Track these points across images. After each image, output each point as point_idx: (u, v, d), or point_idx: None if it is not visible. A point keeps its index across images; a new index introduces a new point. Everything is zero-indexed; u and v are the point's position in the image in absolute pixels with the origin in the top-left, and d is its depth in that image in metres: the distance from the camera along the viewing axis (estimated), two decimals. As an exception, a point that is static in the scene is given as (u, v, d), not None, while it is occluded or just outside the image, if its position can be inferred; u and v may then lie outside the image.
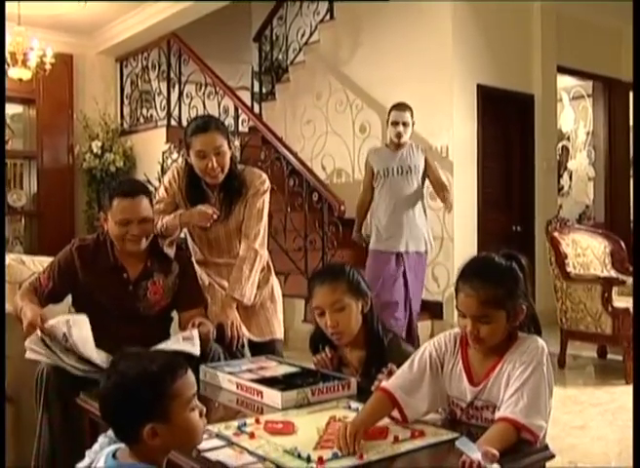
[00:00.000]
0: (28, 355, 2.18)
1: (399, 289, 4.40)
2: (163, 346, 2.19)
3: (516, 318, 1.65)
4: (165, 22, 6.46)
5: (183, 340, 2.25)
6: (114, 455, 1.35)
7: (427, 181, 4.62)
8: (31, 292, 2.45)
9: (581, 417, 3.50)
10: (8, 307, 2.60)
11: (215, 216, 2.62)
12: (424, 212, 4.57)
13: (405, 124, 4.43)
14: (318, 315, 2.06)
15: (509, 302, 1.63)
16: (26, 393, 2.28)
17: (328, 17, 6.75)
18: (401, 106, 4.48)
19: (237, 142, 5.89)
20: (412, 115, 4.47)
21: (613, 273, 4.76)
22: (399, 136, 4.44)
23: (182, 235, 2.72)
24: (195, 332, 2.28)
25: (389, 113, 4.49)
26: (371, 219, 4.69)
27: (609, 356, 4.86)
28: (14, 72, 5.88)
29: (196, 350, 2.19)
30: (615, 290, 4.42)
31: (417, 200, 4.50)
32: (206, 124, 2.65)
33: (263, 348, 2.64)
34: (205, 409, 1.39)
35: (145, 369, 1.33)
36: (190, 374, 1.38)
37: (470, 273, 1.68)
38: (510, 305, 1.63)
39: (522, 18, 6.04)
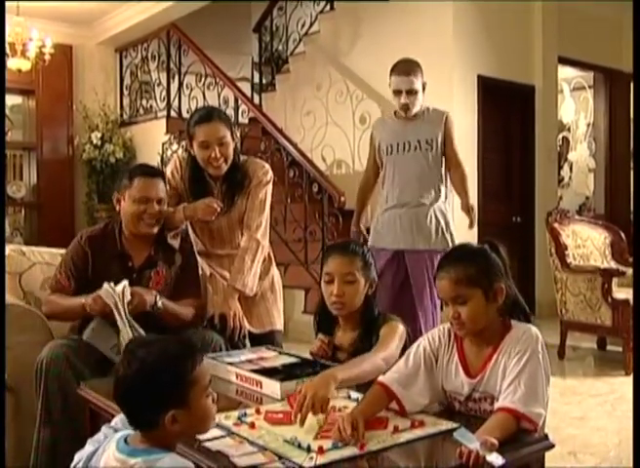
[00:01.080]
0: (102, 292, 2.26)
1: (399, 297, 3.40)
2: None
3: (495, 298, 1.66)
4: (165, 13, 6.43)
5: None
6: (125, 441, 1.36)
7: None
8: (60, 296, 2.45)
9: (581, 408, 3.51)
10: (8, 298, 2.60)
11: (219, 210, 2.62)
12: (444, 198, 3.53)
13: (411, 92, 3.34)
14: (326, 282, 2.10)
15: (483, 280, 1.65)
16: (26, 383, 2.29)
17: (328, 7, 6.72)
18: (403, 68, 3.39)
19: (237, 133, 5.89)
20: (421, 75, 3.40)
21: (613, 264, 4.76)
22: (406, 108, 3.39)
23: (183, 226, 2.71)
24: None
25: (390, 77, 3.44)
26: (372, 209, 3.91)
27: (608, 347, 4.87)
28: (13, 63, 5.87)
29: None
30: (615, 281, 4.42)
31: (432, 184, 3.45)
32: (209, 114, 2.65)
33: (263, 339, 2.64)
34: (217, 396, 1.40)
35: (167, 355, 1.34)
36: (206, 361, 1.39)
37: (444, 260, 1.73)
38: (485, 283, 1.65)
39: (523, 8, 6.02)
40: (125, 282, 2.29)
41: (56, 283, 2.48)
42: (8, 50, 5.79)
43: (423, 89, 3.42)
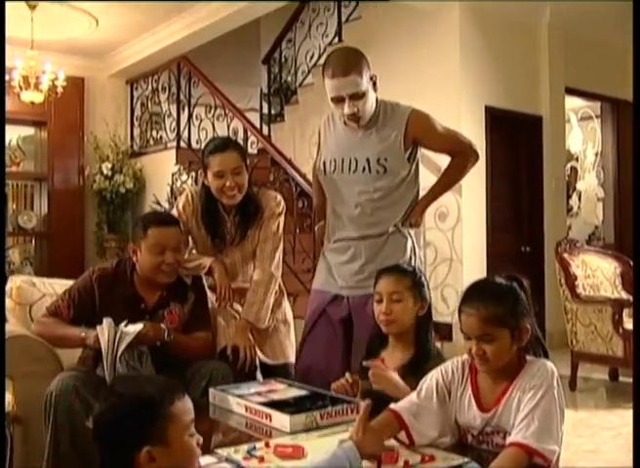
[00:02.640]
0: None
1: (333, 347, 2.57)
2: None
3: (521, 337, 1.65)
4: (175, 45, 6.53)
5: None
6: None
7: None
8: (57, 321, 2.46)
9: (593, 441, 3.46)
10: (18, 329, 2.61)
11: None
12: (408, 235, 2.57)
13: (356, 96, 2.45)
14: (376, 301, 2.13)
15: (511, 320, 1.64)
16: (35, 414, 2.28)
17: (336, 39, 6.80)
18: (339, 67, 2.44)
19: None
20: (367, 67, 2.50)
21: (623, 294, 4.73)
22: (353, 117, 2.52)
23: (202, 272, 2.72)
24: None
25: (323, 80, 2.54)
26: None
27: (620, 378, 4.81)
28: (26, 95, 5.95)
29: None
30: (625, 311, 4.39)
31: (385, 216, 2.55)
32: (224, 144, 2.67)
33: (276, 371, 2.63)
34: (202, 440, 1.37)
35: (142, 390, 1.32)
36: (188, 400, 1.37)
37: (471, 294, 1.70)
38: (513, 323, 1.64)
39: (529, 39, 6.07)
40: (140, 325, 2.29)
41: (55, 308, 2.49)
42: (21, 82, 5.87)
43: (374, 86, 2.54)
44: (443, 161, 2.75)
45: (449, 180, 2.69)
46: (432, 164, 3.51)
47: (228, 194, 2.62)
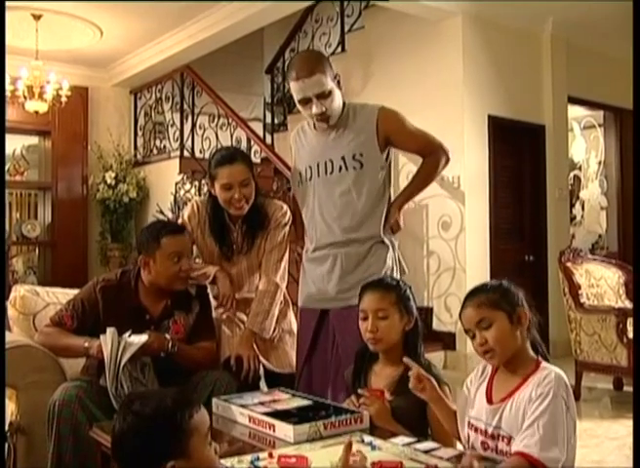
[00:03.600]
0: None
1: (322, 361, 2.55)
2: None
3: (520, 321, 1.70)
4: (179, 55, 6.56)
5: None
6: None
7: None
8: (60, 331, 2.47)
9: (598, 452, 3.44)
10: (22, 339, 2.61)
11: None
12: (390, 244, 2.54)
13: (322, 95, 2.45)
14: (362, 319, 2.12)
15: (505, 304, 1.70)
16: (39, 424, 2.28)
17: (339, 49, 6.82)
18: (303, 69, 2.45)
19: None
20: (329, 67, 2.50)
21: (627, 304, 4.72)
22: (322, 118, 2.51)
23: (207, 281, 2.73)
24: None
25: (289, 83, 2.56)
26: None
27: (625, 388, 4.79)
28: (30, 105, 5.97)
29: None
30: (629, 321, 4.37)
31: (368, 214, 2.51)
32: (232, 156, 2.64)
33: (282, 379, 2.62)
34: (218, 448, 1.38)
35: (161, 406, 1.32)
36: (204, 410, 1.37)
37: (466, 298, 1.79)
38: (507, 307, 1.70)
39: (532, 48, 6.09)
40: (145, 337, 2.29)
41: (59, 318, 2.50)
42: (26, 92, 5.90)
43: (338, 84, 2.54)
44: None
45: (422, 181, 2.64)
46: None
47: (236, 206, 2.62)
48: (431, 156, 2.59)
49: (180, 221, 2.80)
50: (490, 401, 1.70)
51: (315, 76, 2.43)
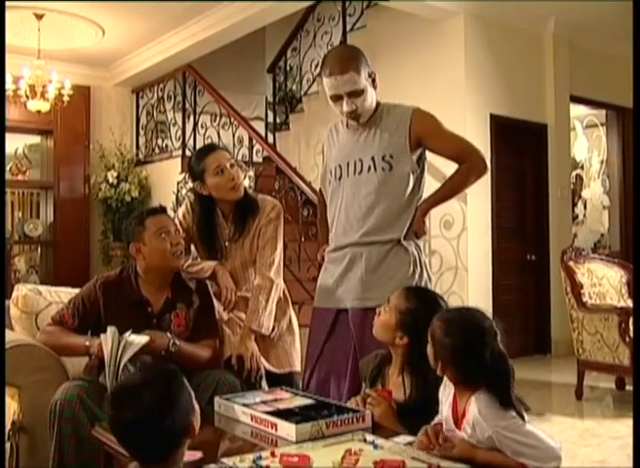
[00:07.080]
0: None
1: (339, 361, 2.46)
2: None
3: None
4: (181, 54, 6.56)
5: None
6: None
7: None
8: (62, 330, 2.47)
9: (601, 451, 3.43)
10: (24, 338, 2.61)
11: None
12: (413, 248, 2.47)
13: (354, 93, 2.40)
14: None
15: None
16: (41, 424, 2.28)
17: (341, 48, 6.82)
18: (336, 65, 2.41)
19: (251, 172, 5.94)
20: (365, 64, 2.44)
21: (630, 303, 4.71)
22: (353, 116, 2.48)
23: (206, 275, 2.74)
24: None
25: (321, 79, 2.52)
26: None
27: (627, 387, 4.78)
28: (33, 104, 5.98)
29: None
30: (632, 320, 4.37)
31: (394, 216, 2.45)
32: (211, 145, 2.86)
33: (282, 379, 2.62)
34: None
35: (169, 391, 1.43)
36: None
37: None
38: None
39: (534, 47, 6.08)
40: (146, 338, 2.29)
41: (60, 317, 2.50)
42: (28, 91, 5.90)
43: (373, 83, 2.47)
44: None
45: (453, 187, 2.57)
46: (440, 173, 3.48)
47: (232, 186, 2.69)
48: (467, 163, 2.53)
49: (176, 220, 2.81)
50: (455, 413, 1.70)
51: (348, 74, 2.38)
